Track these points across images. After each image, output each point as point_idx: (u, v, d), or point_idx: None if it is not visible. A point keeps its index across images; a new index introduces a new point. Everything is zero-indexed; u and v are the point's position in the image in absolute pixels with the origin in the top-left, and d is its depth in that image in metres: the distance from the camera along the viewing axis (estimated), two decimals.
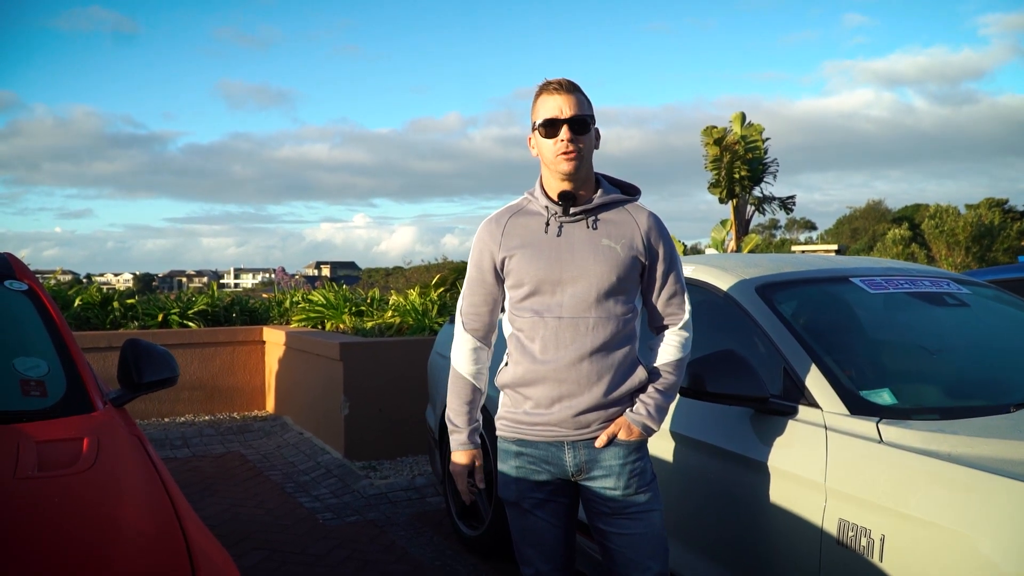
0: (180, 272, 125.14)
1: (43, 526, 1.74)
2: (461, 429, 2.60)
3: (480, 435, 4.15)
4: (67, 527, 1.74)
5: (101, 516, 1.76)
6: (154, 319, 7.96)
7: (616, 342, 2.41)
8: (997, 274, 5.38)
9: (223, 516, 4.95)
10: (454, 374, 2.62)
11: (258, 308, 8.83)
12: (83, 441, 2.26)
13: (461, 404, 2.60)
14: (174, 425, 7.28)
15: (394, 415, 6.27)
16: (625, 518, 2.44)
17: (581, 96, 2.40)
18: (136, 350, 2.97)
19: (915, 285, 3.36)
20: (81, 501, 1.87)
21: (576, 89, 2.40)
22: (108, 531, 1.75)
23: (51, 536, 1.70)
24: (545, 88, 2.41)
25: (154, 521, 1.83)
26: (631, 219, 2.46)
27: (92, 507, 1.84)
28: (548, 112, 2.37)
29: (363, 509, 5.12)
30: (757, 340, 2.99)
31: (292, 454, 6.46)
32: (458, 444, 2.60)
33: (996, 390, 2.89)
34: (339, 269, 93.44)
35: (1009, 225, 27.92)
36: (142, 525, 1.82)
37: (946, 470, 2.26)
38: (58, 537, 1.70)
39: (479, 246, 2.54)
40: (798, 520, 2.56)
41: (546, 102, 2.39)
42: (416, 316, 7.00)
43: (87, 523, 1.78)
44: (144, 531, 1.80)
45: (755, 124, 15.05)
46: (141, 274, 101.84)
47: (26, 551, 1.67)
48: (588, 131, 2.39)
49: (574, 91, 2.39)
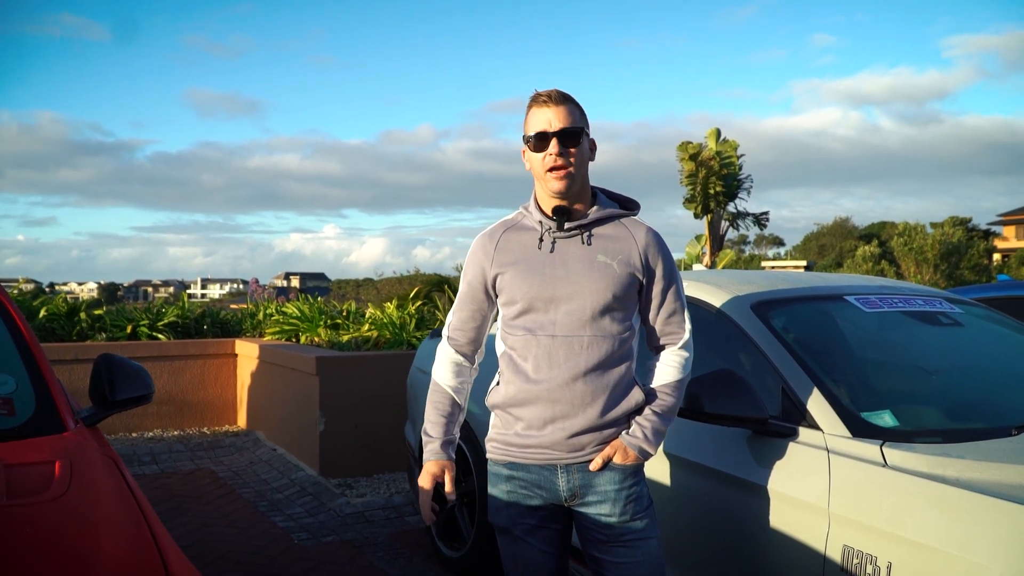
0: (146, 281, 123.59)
1: (14, 559, 1.61)
2: (435, 439, 2.47)
3: (459, 451, 4.08)
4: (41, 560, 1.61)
5: (77, 547, 1.64)
6: (122, 331, 7.77)
7: (612, 361, 2.32)
8: (977, 292, 5.37)
9: (194, 536, 4.79)
10: (434, 386, 2.52)
11: (230, 320, 8.66)
12: (55, 464, 2.13)
13: (439, 417, 2.49)
14: (142, 440, 7.09)
15: (371, 431, 6.13)
16: (621, 546, 2.34)
17: (572, 107, 2.32)
18: (109, 365, 2.84)
19: (909, 304, 3.32)
20: (55, 531, 1.75)
21: (567, 100, 2.32)
22: (85, 563, 1.63)
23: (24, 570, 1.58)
24: (535, 100, 2.33)
25: (133, 552, 1.71)
26: (628, 234, 2.38)
27: (67, 537, 1.72)
28: (538, 125, 2.29)
29: (339, 529, 4.98)
30: (753, 359, 2.92)
31: (265, 471, 6.30)
32: (430, 454, 2.47)
33: (996, 412, 2.84)
34: (309, 280, 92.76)
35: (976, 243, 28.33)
36: (121, 556, 1.70)
37: (955, 496, 2.20)
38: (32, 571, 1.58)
39: (472, 261, 2.46)
40: (800, 546, 2.48)
41: (536, 115, 2.31)
42: (394, 330, 6.88)
43: (62, 555, 1.65)
44: (123, 563, 1.68)
45: (730, 140, 15.12)
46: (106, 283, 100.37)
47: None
48: (579, 143, 2.31)
49: (565, 102, 2.31)
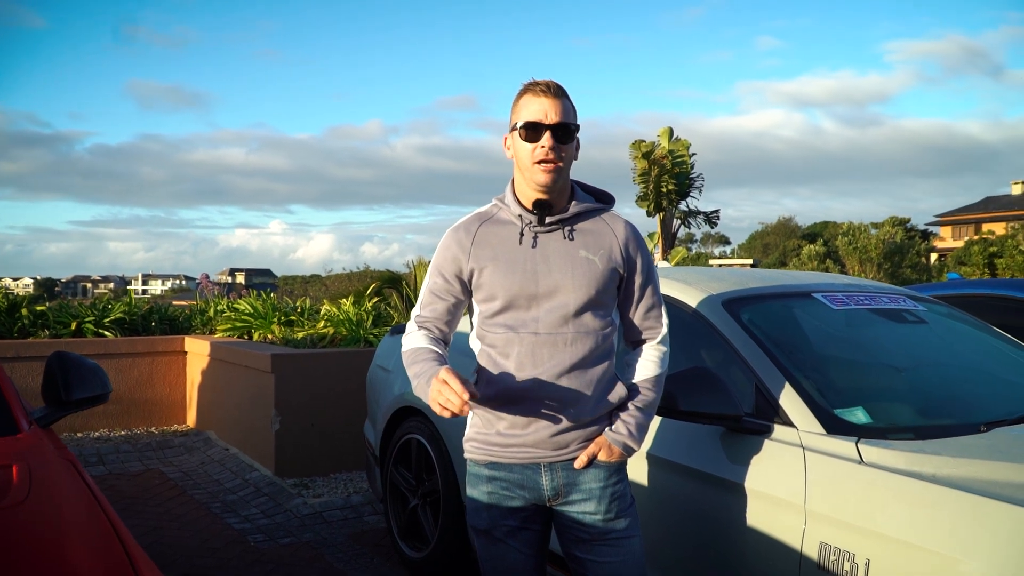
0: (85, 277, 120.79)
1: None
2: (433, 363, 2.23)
3: (422, 449, 4.01)
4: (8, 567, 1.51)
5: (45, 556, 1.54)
6: (67, 328, 7.52)
7: (595, 358, 2.28)
8: (932, 290, 5.46)
9: (145, 539, 4.64)
10: (412, 351, 2.32)
11: (179, 317, 8.44)
12: (12, 469, 2.01)
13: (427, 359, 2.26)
14: (88, 441, 6.87)
15: (328, 430, 6.02)
16: (604, 545, 2.30)
17: (568, 102, 2.27)
18: (64, 364, 2.72)
19: (875, 301, 3.34)
20: (19, 539, 1.64)
21: (563, 94, 2.26)
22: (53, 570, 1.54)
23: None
24: (531, 88, 2.26)
25: (103, 559, 1.61)
26: (608, 229, 2.34)
27: (33, 545, 1.62)
28: (532, 115, 2.22)
29: (297, 530, 4.88)
30: (726, 356, 2.91)
31: (217, 471, 6.15)
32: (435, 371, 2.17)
33: (964, 409, 2.87)
34: (254, 276, 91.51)
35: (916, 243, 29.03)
36: (88, 562, 1.60)
37: (933, 492, 2.21)
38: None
39: (445, 255, 2.36)
40: (776, 543, 2.47)
41: (530, 103, 2.24)
42: (350, 326, 6.76)
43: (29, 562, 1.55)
44: (91, 568, 1.59)
45: (682, 139, 15.23)
46: (43, 278, 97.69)
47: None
48: (571, 140, 2.26)
49: (561, 96, 2.25)
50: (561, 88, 2.26)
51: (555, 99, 2.22)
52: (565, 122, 2.22)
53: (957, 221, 65.49)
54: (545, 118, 2.21)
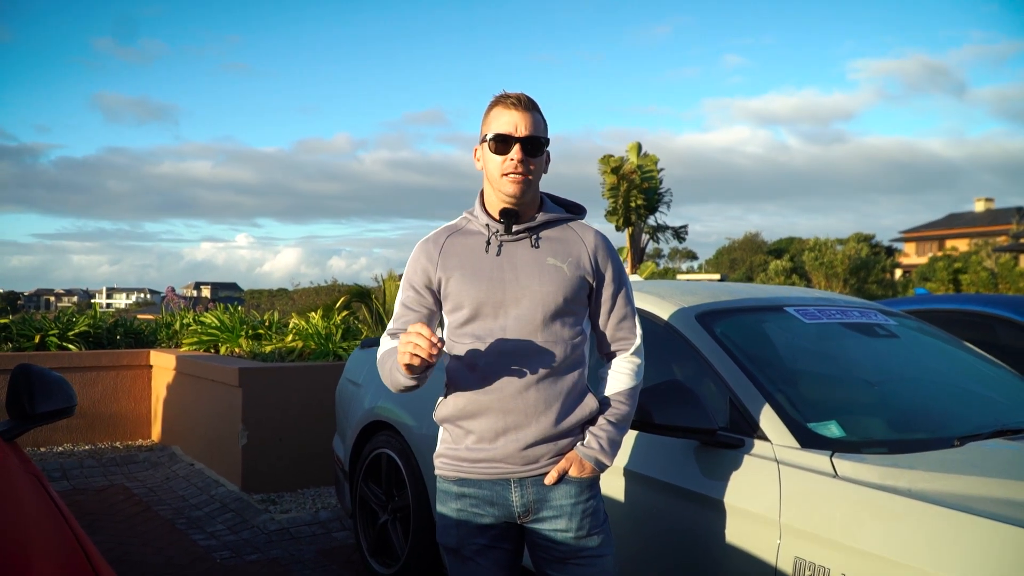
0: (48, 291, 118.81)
1: None
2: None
3: (392, 464, 3.96)
4: None
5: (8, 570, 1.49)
6: (30, 340, 7.38)
7: (564, 368, 2.26)
8: (903, 305, 5.52)
9: (109, 555, 4.54)
10: (385, 351, 2.32)
11: (144, 330, 8.32)
12: None
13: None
14: (51, 455, 6.73)
15: (296, 445, 5.95)
16: (576, 564, 2.28)
17: (538, 115, 2.26)
18: (28, 376, 2.65)
19: (846, 315, 3.37)
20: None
21: (535, 107, 2.26)
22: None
23: None
24: (502, 101, 2.26)
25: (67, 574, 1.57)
26: (577, 237, 2.33)
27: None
28: (502, 127, 2.22)
29: (264, 546, 4.80)
30: (700, 370, 2.91)
31: (183, 487, 6.05)
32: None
33: (937, 423, 2.89)
34: (220, 290, 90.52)
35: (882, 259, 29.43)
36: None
37: (907, 506, 2.21)
38: None
39: (414, 266, 2.35)
40: (751, 558, 2.47)
41: (501, 115, 2.24)
42: (319, 340, 6.70)
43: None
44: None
45: (650, 155, 15.34)
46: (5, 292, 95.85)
47: None
48: (541, 153, 2.26)
49: (532, 109, 2.25)
50: (532, 101, 2.26)
51: (525, 112, 2.22)
52: (535, 135, 2.22)
53: (921, 237, 66.55)
54: (515, 131, 2.20)
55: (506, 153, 2.20)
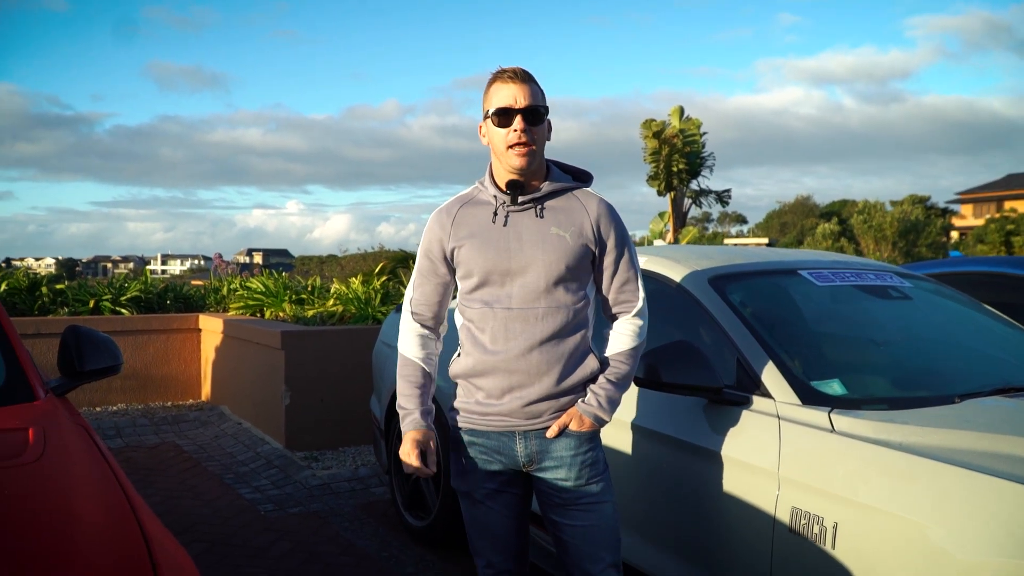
0: (105, 257, 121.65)
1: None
2: (412, 411, 2.49)
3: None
4: (22, 520, 1.66)
5: (56, 509, 1.68)
6: (85, 305, 7.72)
7: (567, 331, 2.40)
8: (931, 268, 5.53)
9: (161, 508, 4.81)
10: (403, 360, 2.57)
11: (193, 295, 8.63)
12: (28, 431, 2.17)
13: (412, 388, 2.52)
14: (106, 414, 7.07)
15: (336, 405, 6.18)
16: (578, 509, 2.44)
17: (535, 86, 2.38)
18: (77, 337, 2.87)
19: (860, 278, 3.44)
20: (33, 493, 1.79)
21: (531, 79, 2.38)
22: (65, 524, 1.68)
23: (7, 529, 1.63)
24: (499, 76, 2.38)
25: (110, 514, 1.76)
26: (580, 206, 2.44)
27: (46, 499, 1.77)
28: (502, 101, 2.34)
29: (306, 500, 5.04)
30: (710, 331, 3.02)
31: (230, 444, 6.33)
32: (412, 425, 2.47)
33: (940, 381, 2.96)
34: (272, 256, 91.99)
35: (933, 221, 28.83)
36: (98, 518, 1.75)
37: (897, 459, 2.31)
38: (15, 530, 1.63)
39: (429, 236, 2.51)
40: (751, 508, 2.59)
41: (500, 90, 2.36)
42: (359, 305, 6.91)
43: (42, 516, 1.70)
44: (101, 524, 1.73)
45: (693, 118, 15.23)
46: (64, 259, 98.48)
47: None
48: (542, 122, 2.38)
49: (529, 81, 2.37)
50: (528, 74, 2.38)
51: (523, 84, 2.34)
52: (534, 105, 2.34)
53: (978, 199, 64.93)
54: (515, 103, 2.32)
55: (508, 125, 2.33)
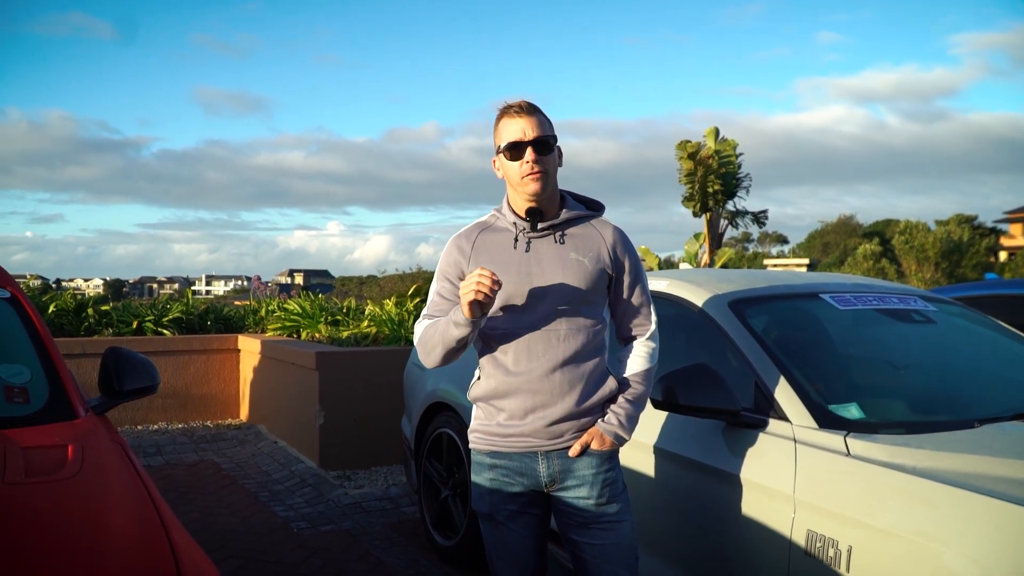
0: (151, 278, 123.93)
1: (34, 531, 1.77)
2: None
3: (451, 441, 4.22)
4: (57, 532, 1.77)
5: (90, 522, 1.79)
6: (128, 326, 7.93)
7: (586, 353, 2.47)
8: (965, 291, 5.50)
9: (198, 524, 4.94)
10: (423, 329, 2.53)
11: (233, 316, 8.82)
12: (68, 448, 2.29)
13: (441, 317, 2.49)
14: (147, 433, 7.25)
15: (369, 425, 6.29)
16: (598, 528, 2.49)
17: (542, 117, 2.46)
18: (117, 358, 2.99)
19: (883, 302, 3.45)
20: (69, 507, 1.91)
21: (536, 110, 2.46)
22: (97, 537, 1.79)
23: (43, 541, 1.73)
24: (506, 112, 2.46)
25: (140, 527, 1.86)
26: (597, 233, 2.53)
27: (80, 513, 1.88)
28: (511, 135, 2.42)
29: (337, 518, 5.14)
30: (730, 354, 3.06)
31: (266, 463, 6.46)
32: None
33: (960, 405, 2.98)
34: (312, 277, 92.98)
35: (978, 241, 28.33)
36: (129, 531, 1.85)
37: (911, 483, 2.33)
38: (50, 542, 1.73)
39: (448, 260, 2.57)
40: (767, 530, 2.62)
41: (508, 125, 2.44)
42: (392, 326, 7.02)
43: (76, 528, 1.81)
44: (131, 537, 1.83)
45: (729, 139, 15.23)
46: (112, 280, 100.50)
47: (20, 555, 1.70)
48: (551, 151, 2.46)
49: (535, 112, 2.45)
50: (533, 106, 2.46)
51: (530, 116, 2.43)
52: (543, 136, 2.42)
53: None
54: (524, 136, 2.41)
55: (520, 158, 2.41)
